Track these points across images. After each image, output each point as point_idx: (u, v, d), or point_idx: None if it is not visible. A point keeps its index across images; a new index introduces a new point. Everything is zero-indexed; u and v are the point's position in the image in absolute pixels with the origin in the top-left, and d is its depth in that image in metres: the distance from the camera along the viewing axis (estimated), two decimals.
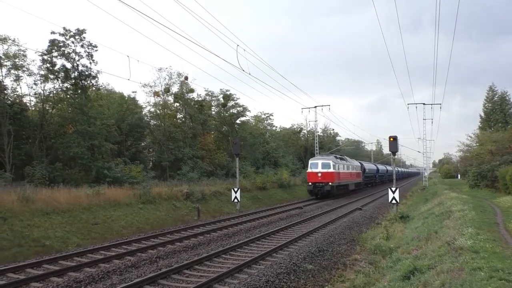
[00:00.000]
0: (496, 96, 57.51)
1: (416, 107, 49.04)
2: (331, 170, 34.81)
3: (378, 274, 10.22)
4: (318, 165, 35.32)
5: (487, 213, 18.18)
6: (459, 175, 77.58)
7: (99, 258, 11.81)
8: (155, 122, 42.01)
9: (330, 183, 34.43)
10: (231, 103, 48.21)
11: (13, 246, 13.17)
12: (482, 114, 59.05)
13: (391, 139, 23.11)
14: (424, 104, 48.77)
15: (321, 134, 74.97)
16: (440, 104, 60.12)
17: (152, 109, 42.32)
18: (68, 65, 29.46)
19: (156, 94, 40.73)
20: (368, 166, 59.52)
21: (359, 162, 52.09)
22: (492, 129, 52.18)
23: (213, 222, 20.24)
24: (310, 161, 36.93)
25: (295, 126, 71.40)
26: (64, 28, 28.46)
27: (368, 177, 57.36)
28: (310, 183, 35.39)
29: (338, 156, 40.43)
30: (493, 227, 13.28)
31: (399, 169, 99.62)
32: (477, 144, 47.48)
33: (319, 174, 34.65)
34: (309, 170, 36.06)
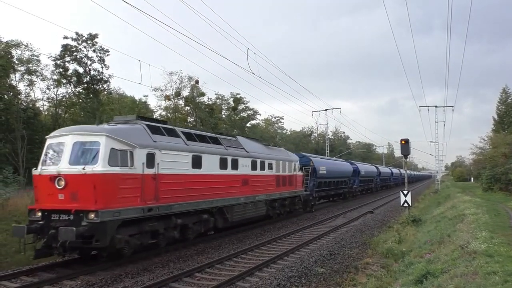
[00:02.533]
0: (510, 98, 56.86)
1: (428, 110, 48.71)
2: (100, 168, 10.48)
3: (390, 278, 10.14)
4: (62, 151, 11.11)
5: (501, 216, 17.96)
6: (472, 178, 76.72)
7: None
8: None
9: (92, 215, 10.14)
10: (241, 106, 48.47)
11: (26, 249, 13.32)
12: (495, 117, 58.48)
13: (403, 142, 22.90)
14: (436, 106, 48.49)
15: (332, 137, 74.89)
16: (453, 106, 59.51)
17: (163, 113, 42.75)
18: (81, 70, 29.94)
19: (167, 97, 41.11)
20: (323, 163, 30.57)
21: (299, 155, 27.42)
22: (506, 131, 51.50)
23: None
24: (47, 142, 11.87)
25: (305, 129, 71.41)
26: (76, 33, 28.96)
27: (331, 184, 32.19)
28: (37, 212, 10.93)
29: (176, 128, 14.28)
30: (507, 231, 13.10)
31: (395, 170, 72.56)
32: (491, 146, 46.92)
33: (60, 184, 10.59)
34: (37, 170, 11.31)
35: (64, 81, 30.39)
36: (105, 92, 33.09)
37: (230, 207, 16.18)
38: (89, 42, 29.40)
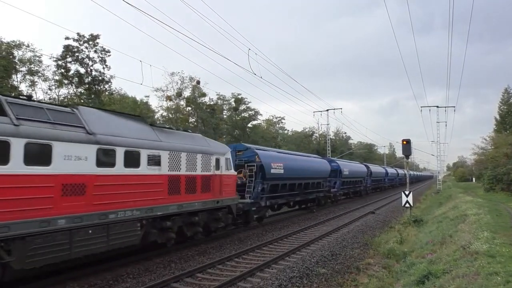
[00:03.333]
0: None
1: (430, 110, 48.68)
2: None
3: (392, 279, 10.14)
4: None
5: (503, 216, 17.93)
6: (473, 179, 76.65)
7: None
8: None
9: None
10: (242, 106, 48.42)
11: None
12: (497, 117, 58.37)
13: (404, 142, 22.87)
14: (437, 107, 48.46)
15: (333, 137, 74.81)
16: (454, 106, 59.48)
17: (165, 113, 42.76)
18: (82, 70, 29.96)
19: (168, 98, 41.13)
20: (278, 159, 21.51)
21: (239, 146, 20.74)
22: (508, 131, 51.40)
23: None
24: None
25: (307, 130, 71.32)
26: (78, 34, 28.96)
27: (294, 188, 23.82)
28: None
29: None
30: (509, 231, 13.08)
31: (391, 170, 64.40)
32: (492, 147, 46.87)
33: None
34: None
35: (65, 81, 30.43)
36: (107, 93, 33.15)
37: (19, 241, 8.07)
38: (90, 42, 29.45)
